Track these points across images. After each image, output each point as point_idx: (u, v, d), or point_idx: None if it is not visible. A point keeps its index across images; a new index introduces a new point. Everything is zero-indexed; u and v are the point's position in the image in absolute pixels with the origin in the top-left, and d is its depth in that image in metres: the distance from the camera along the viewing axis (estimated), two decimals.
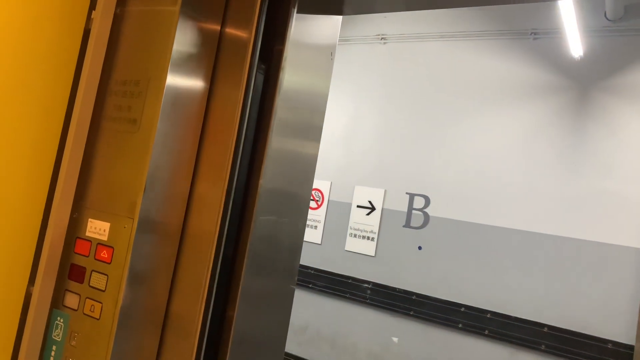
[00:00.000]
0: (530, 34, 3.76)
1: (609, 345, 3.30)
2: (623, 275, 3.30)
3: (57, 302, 1.20)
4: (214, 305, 1.11)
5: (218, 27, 1.27)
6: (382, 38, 4.44)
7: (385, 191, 4.29)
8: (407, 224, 4.17)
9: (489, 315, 3.79)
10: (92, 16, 1.23)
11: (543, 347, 3.61)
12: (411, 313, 4.06)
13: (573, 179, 3.54)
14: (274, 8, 1.22)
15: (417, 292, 4.06)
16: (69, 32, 1.21)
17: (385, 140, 4.37)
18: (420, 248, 4.10)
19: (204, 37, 1.24)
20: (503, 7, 3.71)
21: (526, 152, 3.75)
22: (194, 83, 1.24)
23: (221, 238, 1.10)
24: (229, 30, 1.22)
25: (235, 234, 1.17)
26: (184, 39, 1.18)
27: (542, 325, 3.61)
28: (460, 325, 3.88)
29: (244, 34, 1.18)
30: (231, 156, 1.13)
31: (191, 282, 1.11)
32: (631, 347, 3.20)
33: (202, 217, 1.14)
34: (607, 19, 3.48)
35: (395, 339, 4.14)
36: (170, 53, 1.17)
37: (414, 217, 4.14)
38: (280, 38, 1.22)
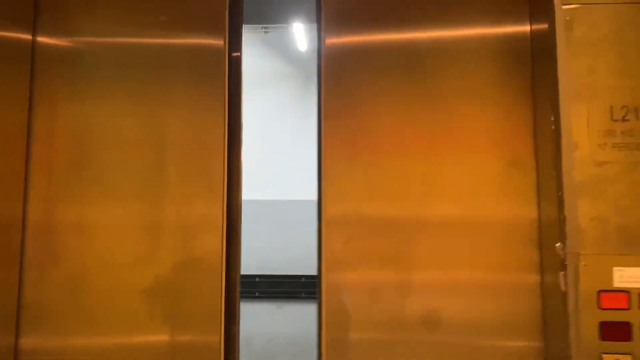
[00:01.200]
0: (262, 28, 4.19)
1: (303, 280, 4.29)
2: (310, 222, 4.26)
3: None
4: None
5: (30, 37, 1.20)
6: None
7: None
8: None
9: (257, 279, 4.31)
10: None
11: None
12: None
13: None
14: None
15: None
16: None
17: None
18: None
19: (17, 48, 1.15)
20: None
21: (269, 133, 4.26)
22: (14, 97, 1.12)
23: (229, 258, 1.13)
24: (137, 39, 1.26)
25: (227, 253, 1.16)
26: None
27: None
28: None
29: (216, 42, 1.19)
30: (226, 171, 1.15)
31: (203, 308, 1.06)
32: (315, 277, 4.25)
33: (200, 238, 1.13)
34: None
35: None
36: None
37: None
38: (237, 45, 1.28)
